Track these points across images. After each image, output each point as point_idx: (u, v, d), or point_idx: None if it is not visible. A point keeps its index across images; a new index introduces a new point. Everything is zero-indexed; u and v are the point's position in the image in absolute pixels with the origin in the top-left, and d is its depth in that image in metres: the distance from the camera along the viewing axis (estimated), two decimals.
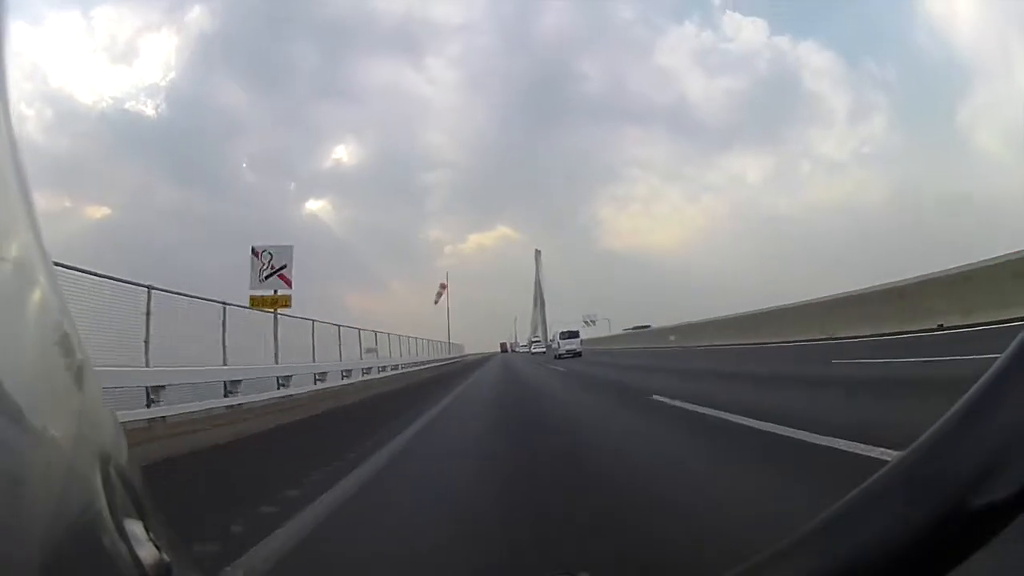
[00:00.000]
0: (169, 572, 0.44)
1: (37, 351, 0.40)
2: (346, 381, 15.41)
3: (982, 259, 10.73)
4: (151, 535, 0.44)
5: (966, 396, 0.32)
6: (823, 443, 3.22)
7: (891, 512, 0.32)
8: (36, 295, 0.41)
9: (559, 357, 31.42)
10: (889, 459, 0.35)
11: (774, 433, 3.75)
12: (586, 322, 75.15)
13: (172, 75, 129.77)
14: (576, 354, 31.73)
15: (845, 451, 2.98)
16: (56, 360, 0.43)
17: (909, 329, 11.59)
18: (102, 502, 0.40)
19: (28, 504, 0.34)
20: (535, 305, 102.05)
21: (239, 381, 9.58)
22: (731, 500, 2.54)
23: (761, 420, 4.19)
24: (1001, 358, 0.32)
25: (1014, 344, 0.31)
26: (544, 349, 61.36)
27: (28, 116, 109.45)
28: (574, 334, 35.29)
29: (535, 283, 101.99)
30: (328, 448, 4.67)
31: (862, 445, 2.96)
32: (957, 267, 11.38)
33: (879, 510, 0.33)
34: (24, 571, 0.32)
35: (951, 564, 0.30)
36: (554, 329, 57.35)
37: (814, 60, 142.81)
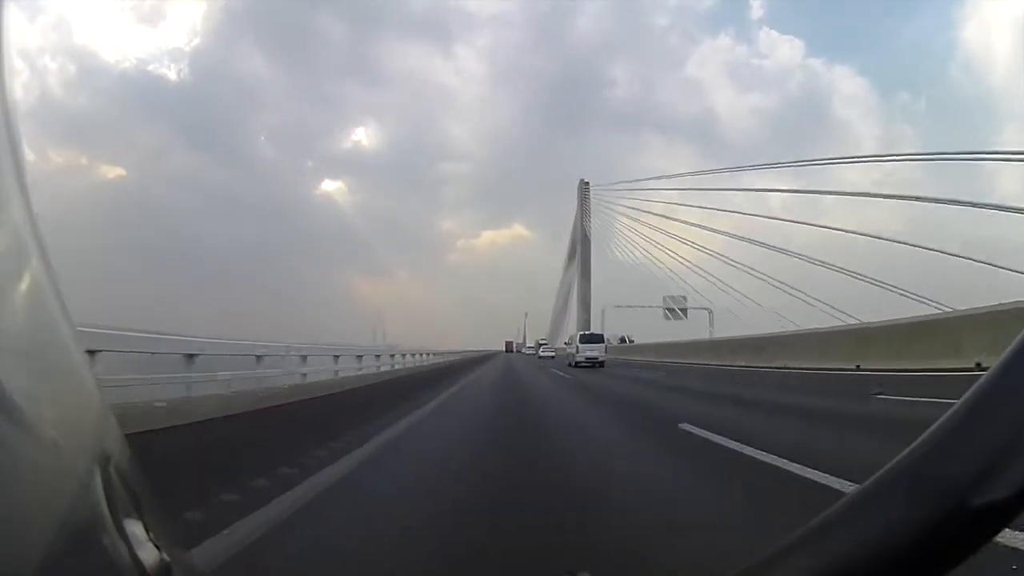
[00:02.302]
0: (169, 572, 0.44)
1: (33, 348, 0.40)
2: None
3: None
4: (151, 535, 0.44)
5: (966, 396, 0.32)
6: None
7: (891, 512, 0.32)
8: (32, 289, 0.40)
9: (576, 365, 25.62)
10: None
11: None
12: (671, 310, 47.40)
13: (197, 41, 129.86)
14: (598, 364, 25.60)
15: None
16: (53, 358, 0.43)
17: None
18: (102, 502, 0.40)
19: (27, 504, 0.34)
20: (570, 277, 61.39)
21: None
22: None
23: None
24: (1001, 358, 0.32)
25: (1014, 344, 0.31)
26: (552, 353, 51.73)
27: (51, 70, 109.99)
28: (596, 338, 28.91)
29: (574, 239, 59.72)
30: None
31: None
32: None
33: (879, 510, 0.33)
34: (24, 571, 0.32)
35: (951, 564, 0.30)
36: (597, 327, 45.22)
37: (846, 86, 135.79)
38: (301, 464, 3.60)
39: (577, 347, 27.64)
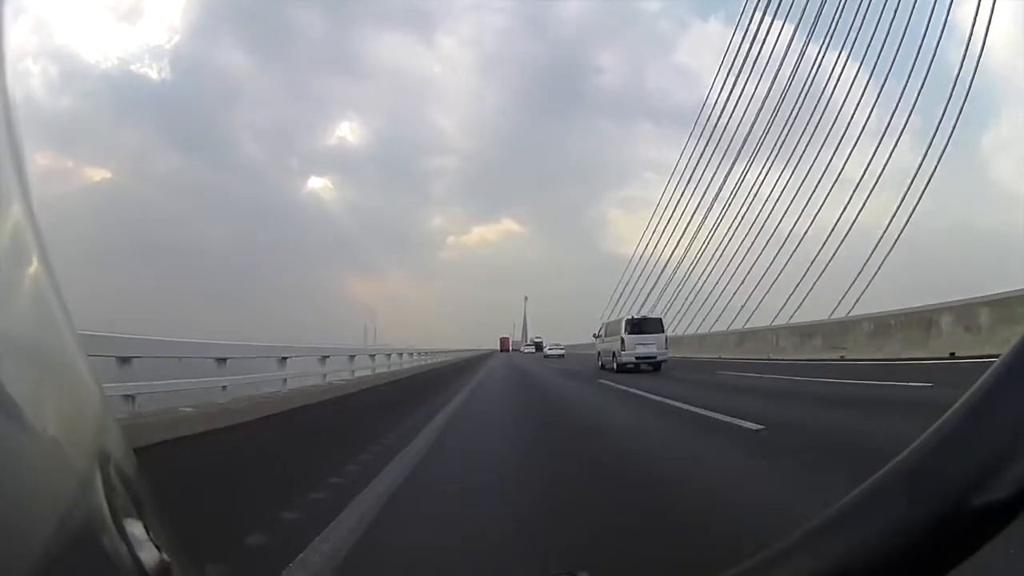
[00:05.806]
0: (169, 572, 0.44)
1: (34, 348, 0.40)
2: None
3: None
4: (151, 535, 0.44)
5: (966, 396, 0.32)
6: None
7: (891, 512, 0.32)
8: (32, 289, 0.40)
9: (619, 368, 16.46)
10: None
11: None
12: None
13: (177, 38, 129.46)
14: (654, 364, 16.48)
15: None
16: (54, 357, 0.43)
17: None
18: (102, 502, 0.40)
19: (27, 504, 0.34)
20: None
21: None
22: None
23: None
24: (1001, 358, 0.32)
25: (1014, 344, 0.31)
26: (562, 352, 41.64)
27: (33, 72, 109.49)
28: (653, 325, 17.76)
29: None
30: None
31: None
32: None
33: (879, 510, 0.33)
34: (24, 571, 0.32)
35: (951, 564, 0.30)
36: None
37: (840, 72, 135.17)
38: None
39: (622, 340, 16.99)
